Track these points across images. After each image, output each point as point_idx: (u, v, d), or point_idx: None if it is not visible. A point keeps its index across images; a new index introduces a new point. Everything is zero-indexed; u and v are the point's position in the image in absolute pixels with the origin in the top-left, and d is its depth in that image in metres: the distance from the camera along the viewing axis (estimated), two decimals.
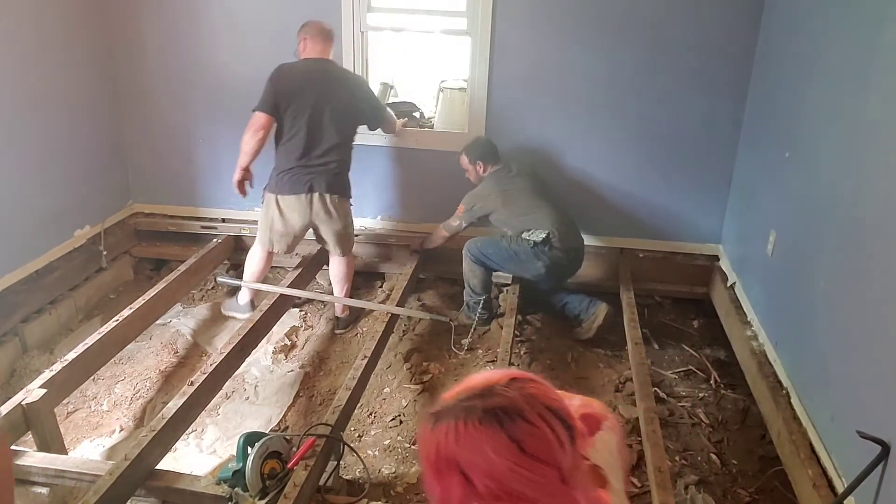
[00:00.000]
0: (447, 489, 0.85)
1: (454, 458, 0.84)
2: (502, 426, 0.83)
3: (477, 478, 0.83)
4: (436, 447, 0.85)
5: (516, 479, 0.82)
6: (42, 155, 3.23)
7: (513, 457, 0.82)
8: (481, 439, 0.83)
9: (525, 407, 0.85)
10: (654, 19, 3.29)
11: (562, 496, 0.85)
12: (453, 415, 0.85)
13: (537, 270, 3.25)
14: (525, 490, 0.83)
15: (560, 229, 3.21)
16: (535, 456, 0.83)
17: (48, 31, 3.19)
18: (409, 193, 3.84)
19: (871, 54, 2.04)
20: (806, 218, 2.46)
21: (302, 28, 3.15)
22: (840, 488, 1.95)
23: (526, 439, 0.83)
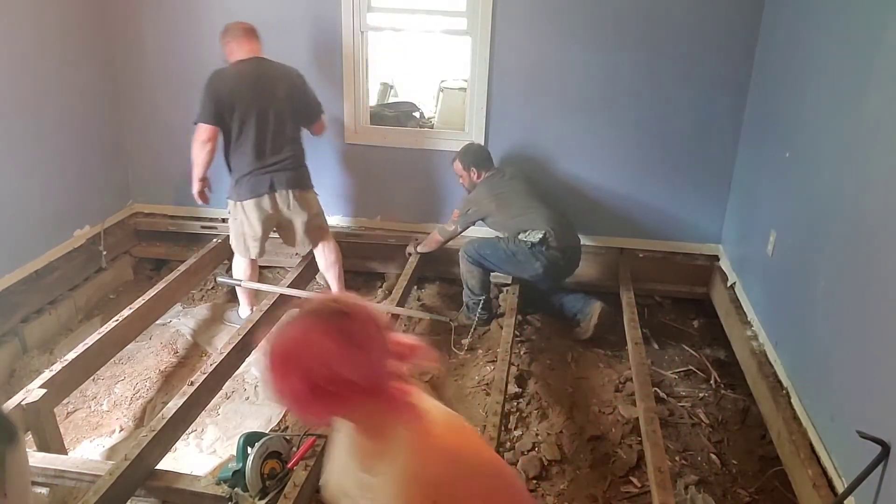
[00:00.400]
0: (283, 385, 1.03)
1: (291, 355, 1.04)
2: (334, 322, 1.05)
3: (312, 366, 1.02)
4: (277, 348, 1.05)
5: (344, 362, 1.02)
6: (42, 155, 3.23)
7: (341, 345, 1.03)
8: (316, 334, 1.04)
9: (354, 311, 1.07)
10: (654, 19, 3.29)
11: (377, 380, 1.06)
12: (294, 321, 1.07)
13: (535, 271, 3.25)
14: (350, 373, 1.02)
15: (556, 228, 3.21)
16: (359, 346, 1.04)
17: (48, 32, 3.19)
18: (409, 193, 3.83)
19: (872, 54, 2.04)
20: (806, 218, 2.46)
21: (223, 33, 3.10)
22: (840, 488, 1.95)
23: (353, 332, 1.04)
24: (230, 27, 3.10)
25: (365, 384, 1.05)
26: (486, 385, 2.90)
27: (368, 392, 1.06)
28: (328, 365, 1.02)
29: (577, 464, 2.51)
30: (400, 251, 3.86)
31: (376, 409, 1.09)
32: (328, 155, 3.78)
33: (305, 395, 1.03)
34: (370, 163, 3.78)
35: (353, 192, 3.87)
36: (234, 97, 2.97)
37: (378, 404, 1.08)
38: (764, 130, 3.08)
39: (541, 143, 3.60)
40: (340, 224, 3.93)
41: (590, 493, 2.37)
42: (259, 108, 3.01)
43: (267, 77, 3.06)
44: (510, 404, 2.78)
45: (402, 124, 4.31)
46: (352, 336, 1.04)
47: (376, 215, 3.92)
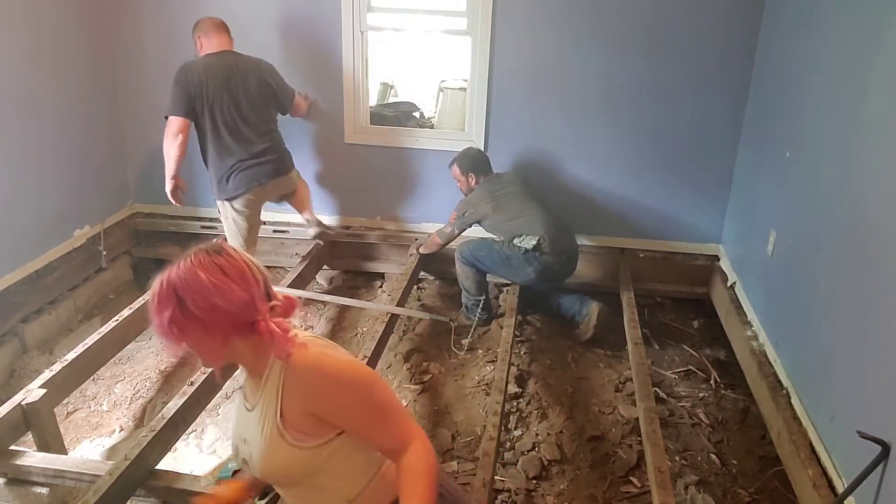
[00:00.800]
0: (163, 316, 1.12)
1: (171, 288, 1.13)
2: (211, 256, 1.15)
3: (188, 296, 1.12)
4: (159, 283, 1.15)
5: (219, 296, 1.12)
6: (42, 155, 3.23)
7: (216, 276, 1.13)
8: (195, 267, 1.14)
9: (230, 250, 1.19)
10: (654, 19, 3.29)
11: (252, 312, 1.16)
12: (178, 260, 1.16)
13: (528, 276, 3.27)
14: (223, 303, 1.12)
15: (550, 233, 3.19)
16: (234, 280, 1.14)
17: (48, 32, 3.19)
18: (409, 193, 3.83)
19: (872, 54, 2.04)
20: (806, 218, 2.46)
21: (194, 29, 3.14)
22: (840, 488, 1.95)
23: (227, 267, 1.15)
24: (200, 22, 3.14)
25: (239, 315, 1.14)
26: (486, 385, 2.90)
27: (243, 324, 1.15)
28: (204, 294, 1.11)
29: (577, 464, 2.51)
30: (400, 251, 3.87)
31: (254, 343, 1.18)
32: (328, 155, 3.78)
33: (180, 321, 1.12)
34: (370, 163, 3.78)
35: (354, 192, 3.87)
36: (204, 89, 2.99)
37: (255, 338, 1.17)
38: (764, 130, 3.08)
39: (541, 142, 3.60)
40: (341, 224, 3.93)
41: (590, 493, 2.37)
42: (231, 101, 3.05)
43: (237, 69, 3.09)
44: (510, 404, 2.78)
45: (402, 124, 4.31)
46: (226, 271, 1.14)
47: (376, 215, 3.92)
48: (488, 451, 2.16)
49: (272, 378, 1.21)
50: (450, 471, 2.45)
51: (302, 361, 1.18)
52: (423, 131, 4.05)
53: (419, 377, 2.99)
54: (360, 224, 3.93)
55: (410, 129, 4.09)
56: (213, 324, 1.13)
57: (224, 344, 1.17)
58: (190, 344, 1.16)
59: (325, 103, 3.67)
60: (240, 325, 1.15)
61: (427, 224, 3.83)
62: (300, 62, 3.60)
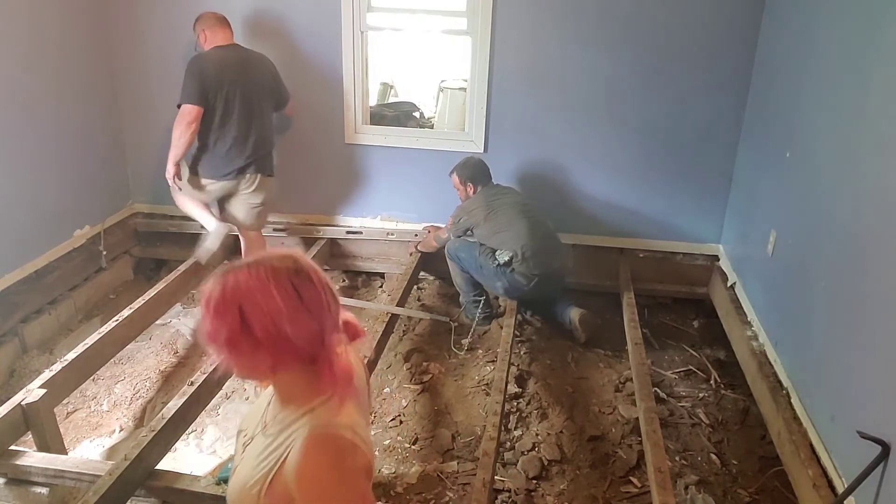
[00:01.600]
0: (220, 326, 1.00)
1: (237, 298, 1.00)
2: (290, 278, 1.02)
3: (254, 317, 0.99)
4: (222, 287, 1.01)
5: (290, 323, 1.00)
6: (42, 155, 3.23)
7: (292, 303, 1.01)
8: (269, 283, 1.01)
9: (311, 272, 1.05)
10: (654, 20, 3.29)
11: (318, 347, 1.04)
12: (247, 263, 1.03)
13: (496, 289, 3.31)
14: (293, 335, 1.01)
15: (527, 253, 3.13)
16: (309, 308, 1.02)
17: (48, 31, 3.19)
18: (409, 193, 3.83)
19: (872, 54, 2.04)
20: (806, 218, 2.46)
21: (197, 22, 3.20)
22: (840, 488, 1.95)
23: (306, 293, 1.03)
24: (203, 16, 3.20)
25: (304, 348, 1.03)
26: (486, 385, 2.90)
27: (303, 357, 1.05)
28: (273, 317, 1.00)
29: (577, 464, 2.51)
30: (400, 251, 3.87)
31: (303, 377, 1.07)
32: (328, 155, 3.78)
33: (237, 338, 1.00)
34: (370, 163, 3.78)
35: (353, 192, 3.87)
36: (219, 79, 3.06)
37: (307, 373, 1.06)
38: (764, 130, 3.08)
39: (541, 142, 3.60)
40: (340, 224, 3.93)
41: (590, 493, 2.37)
42: (242, 91, 3.12)
43: (248, 62, 3.18)
44: (510, 404, 2.78)
45: (402, 124, 4.31)
46: (304, 298, 1.02)
47: (376, 215, 3.92)
48: (488, 451, 2.16)
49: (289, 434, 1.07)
50: (450, 471, 2.45)
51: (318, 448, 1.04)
52: (423, 131, 4.05)
53: (419, 377, 2.99)
54: (361, 224, 3.93)
55: (410, 129, 4.09)
56: (271, 348, 1.02)
57: (272, 370, 1.07)
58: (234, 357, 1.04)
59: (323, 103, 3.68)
60: (300, 357, 1.05)
61: (427, 224, 3.83)
62: (300, 62, 3.60)
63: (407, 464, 2.49)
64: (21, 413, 2.29)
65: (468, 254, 3.30)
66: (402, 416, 2.76)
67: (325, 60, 3.57)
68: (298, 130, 3.75)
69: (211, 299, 1.02)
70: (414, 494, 2.34)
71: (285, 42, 3.57)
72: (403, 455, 2.54)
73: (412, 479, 2.41)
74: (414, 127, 4.35)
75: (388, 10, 3.66)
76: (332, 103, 3.65)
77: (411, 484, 2.39)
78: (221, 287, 1.01)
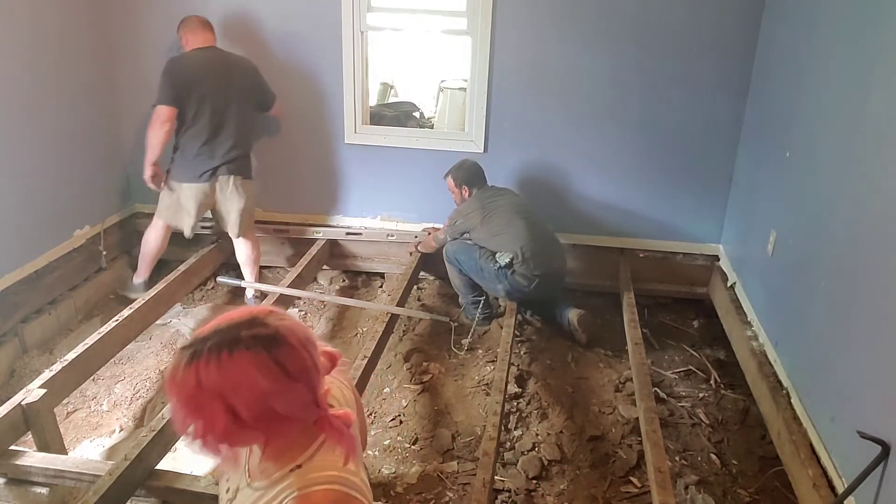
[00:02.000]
0: (208, 422, 0.90)
1: (217, 388, 0.89)
2: (269, 352, 0.91)
3: (241, 404, 0.89)
4: (196, 381, 0.88)
5: (280, 400, 0.92)
6: (42, 155, 3.23)
7: (278, 380, 0.91)
8: (249, 365, 0.90)
9: (287, 334, 0.94)
10: (654, 19, 3.29)
11: (315, 414, 0.97)
12: (215, 345, 0.90)
13: (497, 292, 3.31)
14: (286, 411, 0.93)
15: (527, 254, 3.13)
16: (297, 378, 0.93)
17: (48, 31, 3.19)
18: (409, 193, 3.83)
19: (873, 53, 2.04)
20: (806, 217, 2.46)
21: (180, 25, 3.24)
22: (840, 488, 1.95)
23: (289, 363, 0.92)
24: (186, 19, 3.24)
25: (300, 419, 0.96)
26: (486, 385, 2.90)
27: (300, 425, 0.98)
28: (262, 401, 0.91)
29: (577, 464, 2.51)
30: (400, 251, 3.87)
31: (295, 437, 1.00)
32: (328, 155, 3.78)
33: (225, 429, 0.90)
34: (370, 163, 3.78)
35: (353, 192, 3.87)
36: (193, 80, 3.10)
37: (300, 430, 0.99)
38: (764, 130, 3.08)
39: (541, 142, 3.60)
40: (341, 224, 3.93)
41: (590, 493, 2.37)
42: (216, 93, 3.15)
43: (225, 64, 3.21)
44: (510, 404, 2.78)
45: (402, 124, 4.32)
46: (289, 371, 0.92)
47: (376, 215, 3.92)
48: (488, 451, 2.16)
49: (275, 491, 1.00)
50: (450, 471, 2.45)
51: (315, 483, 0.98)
52: (423, 131, 4.06)
53: (419, 377, 2.99)
54: (361, 224, 3.93)
55: (410, 129, 4.10)
56: (264, 428, 0.95)
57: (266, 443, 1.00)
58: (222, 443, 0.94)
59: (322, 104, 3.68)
60: (296, 426, 0.98)
61: (427, 224, 3.83)
62: (300, 62, 3.60)
63: (407, 464, 2.49)
64: (21, 413, 2.29)
65: (468, 257, 3.29)
66: (402, 416, 2.76)
67: (325, 60, 3.57)
68: (299, 130, 3.75)
69: (186, 397, 0.90)
70: (414, 494, 2.35)
71: (285, 42, 3.57)
72: (403, 455, 2.54)
73: (412, 479, 2.41)
74: (414, 127, 4.36)
75: (388, 10, 3.66)
76: (332, 103, 3.66)
77: (411, 484, 2.39)
78: (195, 381, 0.89)
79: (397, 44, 5.82)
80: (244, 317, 0.95)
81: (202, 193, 3.25)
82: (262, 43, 3.57)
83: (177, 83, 3.08)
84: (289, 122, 3.73)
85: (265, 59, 3.60)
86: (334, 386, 1.14)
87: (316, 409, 0.97)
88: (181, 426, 0.92)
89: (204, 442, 0.92)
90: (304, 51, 3.57)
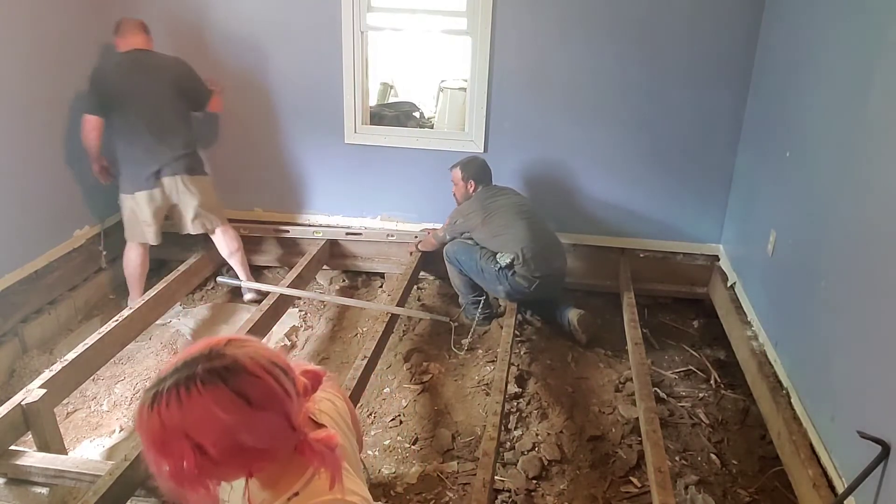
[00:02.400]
0: (178, 462, 0.86)
1: (180, 427, 0.85)
2: (227, 383, 0.86)
3: (207, 441, 0.86)
4: (160, 422, 0.85)
5: (247, 432, 0.87)
6: (42, 155, 3.23)
7: (241, 412, 0.86)
8: (207, 401, 0.85)
9: (246, 362, 0.88)
10: (654, 20, 3.28)
11: (293, 440, 0.91)
12: (173, 384, 0.87)
13: (498, 293, 3.30)
14: (257, 442, 0.88)
15: (528, 254, 3.13)
16: (262, 407, 0.88)
17: (48, 32, 3.19)
18: (409, 193, 3.83)
19: (874, 53, 2.04)
20: (806, 217, 2.46)
21: (115, 29, 3.26)
22: (840, 488, 1.95)
23: (251, 392, 0.87)
24: (120, 22, 3.26)
25: (274, 447, 0.92)
26: (486, 385, 2.90)
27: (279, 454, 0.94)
28: (227, 436, 0.87)
29: (577, 464, 2.51)
30: (400, 251, 3.87)
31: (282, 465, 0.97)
32: (328, 155, 3.78)
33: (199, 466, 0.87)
34: (370, 163, 3.78)
35: (353, 192, 3.87)
36: (115, 86, 3.13)
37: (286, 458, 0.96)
38: (764, 130, 3.08)
39: (541, 142, 3.60)
40: (341, 224, 3.93)
41: (590, 493, 2.37)
42: (142, 96, 3.16)
43: (146, 66, 3.20)
44: (510, 404, 2.78)
45: (402, 124, 4.32)
46: (252, 400, 0.87)
47: (376, 215, 3.92)
48: (488, 451, 2.16)
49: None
50: (450, 471, 2.45)
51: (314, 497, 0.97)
52: (423, 131, 4.05)
53: (419, 377, 2.99)
54: (361, 224, 3.93)
55: (410, 129, 4.10)
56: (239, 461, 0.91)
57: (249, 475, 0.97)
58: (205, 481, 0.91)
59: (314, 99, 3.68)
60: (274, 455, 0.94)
61: (427, 224, 3.83)
62: (300, 62, 3.60)
63: (407, 464, 2.49)
64: (21, 413, 2.29)
65: (468, 257, 3.29)
66: (402, 416, 2.76)
67: (325, 60, 3.57)
68: (299, 130, 3.75)
69: (152, 439, 0.88)
70: (414, 494, 2.35)
71: (286, 42, 3.57)
72: (403, 455, 2.54)
73: (412, 479, 2.41)
74: (414, 127, 4.36)
75: (388, 10, 3.66)
76: (332, 103, 3.65)
77: (411, 484, 2.39)
78: (159, 423, 0.86)
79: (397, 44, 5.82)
80: (202, 350, 0.91)
81: (152, 199, 3.23)
82: (262, 43, 3.57)
83: (100, 90, 3.12)
84: (289, 121, 3.73)
85: (265, 59, 3.60)
86: (324, 400, 1.11)
87: (293, 434, 0.93)
88: (155, 467, 0.89)
89: (179, 482, 0.89)
90: (304, 51, 3.57)
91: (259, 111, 3.72)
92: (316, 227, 3.92)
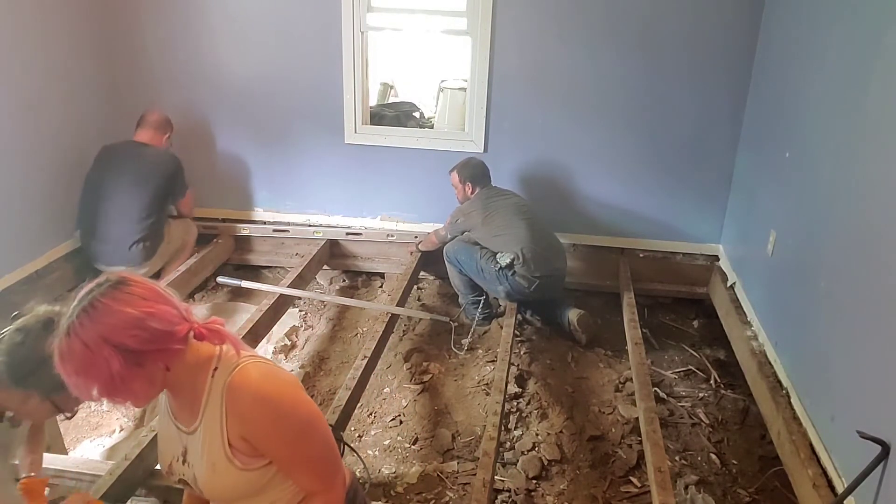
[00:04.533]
0: (106, 371, 1.03)
1: (99, 336, 1.03)
2: (122, 289, 1.08)
3: (125, 337, 1.04)
4: (80, 342, 1.02)
5: (153, 319, 1.07)
6: (42, 156, 3.23)
7: (142, 304, 1.07)
8: (113, 306, 1.05)
9: (128, 276, 1.12)
10: (654, 20, 3.29)
11: (186, 327, 1.13)
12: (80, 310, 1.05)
13: (498, 293, 3.30)
14: (162, 324, 1.08)
15: (527, 255, 3.13)
16: (156, 300, 1.10)
17: (49, 33, 3.19)
18: (409, 193, 3.84)
19: (873, 53, 2.04)
20: (806, 218, 2.46)
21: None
22: (840, 488, 1.95)
23: (144, 292, 1.09)
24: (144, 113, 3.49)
25: (178, 330, 1.10)
26: (486, 385, 2.90)
27: (181, 339, 1.12)
28: (140, 327, 1.05)
29: (577, 464, 2.51)
30: (400, 251, 3.87)
31: (192, 360, 1.16)
32: (328, 155, 3.79)
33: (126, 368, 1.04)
34: (370, 163, 3.78)
35: (353, 192, 3.87)
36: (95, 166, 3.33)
37: (192, 353, 1.16)
38: (764, 130, 3.08)
39: (541, 142, 3.60)
40: (341, 224, 3.94)
41: (590, 493, 2.37)
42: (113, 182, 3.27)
43: (122, 157, 3.31)
44: (510, 404, 2.78)
45: (402, 124, 4.32)
46: (144, 294, 1.09)
47: (376, 215, 3.92)
48: (488, 451, 2.16)
49: (213, 400, 1.17)
50: (450, 471, 2.45)
51: (243, 382, 1.16)
52: (423, 131, 4.06)
53: (419, 377, 2.99)
54: (361, 224, 3.93)
55: (410, 129, 4.10)
56: (156, 348, 1.08)
57: (168, 368, 1.14)
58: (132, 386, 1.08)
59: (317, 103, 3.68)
60: (180, 339, 1.12)
61: (427, 224, 3.83)
62: (301, 62, 3.60)
63: (407, 464, 2.49)
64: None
65: (468, 257, 3.29)
66: (402, 416, 2.76)
67: (325, 60, 3.57)
68: (299, 130, 3.75)
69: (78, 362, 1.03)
70: (414, 494, 2.35)
71: (286, 42, 3.57)
72: (403, 455, 2.54)
73: (412, 479, 2.41)
74: (414, 127, 4.36)
75: (388, 10, 3.67)
76: (332, 103, 3.66)
77: (411, 484, 2.39)
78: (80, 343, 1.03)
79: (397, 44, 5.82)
80: (90, 284, 1.10)
81: None
82: (262, 43, 3.58)
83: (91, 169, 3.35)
84: (289, 121, 3.74)
85: (265, 60, 3.61)
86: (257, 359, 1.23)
87: (186, 322, 1.13)
88: (87, 393, 1.05)
89: (113, 391, 1.05)
90: (304, 51, 3.58)
91: (259, 111, 3.72)
92: (316, 227, 3.92)
